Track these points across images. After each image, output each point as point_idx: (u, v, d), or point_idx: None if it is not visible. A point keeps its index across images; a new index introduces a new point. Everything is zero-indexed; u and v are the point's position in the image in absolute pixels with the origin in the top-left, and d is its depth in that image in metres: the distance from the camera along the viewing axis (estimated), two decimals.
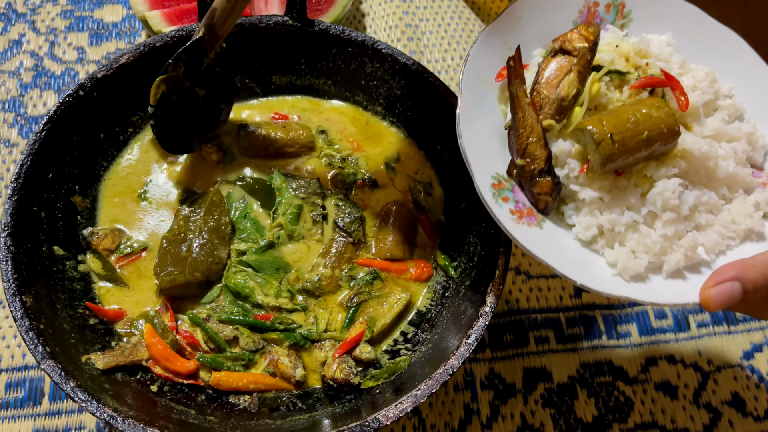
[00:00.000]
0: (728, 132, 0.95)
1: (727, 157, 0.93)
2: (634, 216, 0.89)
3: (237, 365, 1.01)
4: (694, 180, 0.92)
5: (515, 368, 1.20)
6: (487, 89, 0.95)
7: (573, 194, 0.92)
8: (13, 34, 1.41)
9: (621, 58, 0.95)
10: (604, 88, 0.93)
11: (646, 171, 0.90)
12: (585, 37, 0.93)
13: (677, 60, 0.97)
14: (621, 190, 0.90)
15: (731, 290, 0.79)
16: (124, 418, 0.84)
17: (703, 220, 0.91)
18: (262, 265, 1.07)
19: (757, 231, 0.91)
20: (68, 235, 1.05)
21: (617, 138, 0.85)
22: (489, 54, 0.94)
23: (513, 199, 0.90)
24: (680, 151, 0.90)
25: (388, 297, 1.09)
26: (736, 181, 0.93)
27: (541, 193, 0.90)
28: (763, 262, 0.79)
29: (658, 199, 0.88)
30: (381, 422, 0.85)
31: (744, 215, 0.91)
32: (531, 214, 0.90)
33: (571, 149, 0.91)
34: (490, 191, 0.87)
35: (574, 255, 0.89)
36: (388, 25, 1.52)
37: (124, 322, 1.03)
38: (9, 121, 1.32)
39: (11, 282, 0.90)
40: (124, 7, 1.47)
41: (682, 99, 0.92)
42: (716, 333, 1.27)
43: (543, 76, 0.93)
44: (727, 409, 1.20)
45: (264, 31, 1.13)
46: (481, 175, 0.87)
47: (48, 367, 0.86)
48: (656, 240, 0.87)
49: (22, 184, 0.97)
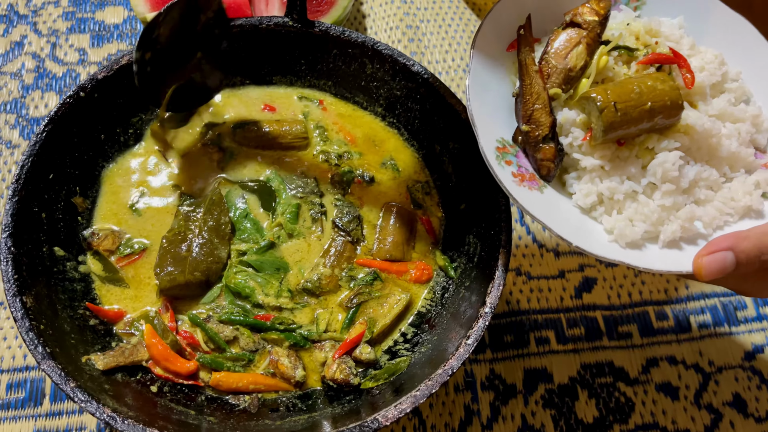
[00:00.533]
0: (733, 113, 0.96)
1: (730, 136, 0.94)
2: (633, 186, 0.90)
3: (237, 366, 1.01)
4: (696, 156, 0.93)
5: (516, 369, 1.20)
6: (499, 59, 0.97)
7: (575, 163, 0.93)
8: (15, 35, 1.42)
9: (631, 36, 0.97)
10: (612, 63, 0.95)
11: (648, 143, 0.91)
12: (596, 11, 0.94)
13: (687, 42, 0.99)
14: (622, 160, 0.92)
15: (724, 259, 0.79)
16: (123, 418, 0.84)
17: (703, 195, 0.92)
18: (262, 264, 1.07)
19: (756, 209, 0.92)
20: (69, 236, 1.05)
21: (620, 106, 0.87)
22: (502, 25, 0.97)
23: (516, 164, 0.91)
24: (683, 126, 0.91)
25: (388, 298, 1.09)
26: (738, 160, 0.94)
27: (543, 159, 0.92)
28: (758, 234, 0.80)
29: (658, 170, 0.89)
30: (380, 423, 0.86)
31: (743, 193, 0.92)
32: (533, 179, 0.91)
33: (575, 118, 0.92)
34: (494, 153, 0.89)
35: (573, 220, 0.90)
36: (388, 26, 1.52)
37: (125, 323, 1.03)
38: (11, 122, 1.33)
39: (12, 282, 0.91)
40: (125, 9, 1.48)
41: (688, 76, 0.94)
42: (717, 334, 1.27)
43: (552, 46, 0.95)
44: (729, 410, 1.20)
45: (264, 32, 1.14)
46: (486, 138, 0.89)
47: (48, 368, 0.86)
48: (654, 209, 0.89)
49: (22, 184, 0.97)
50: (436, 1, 1.57)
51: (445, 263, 1.11)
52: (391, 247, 1.11)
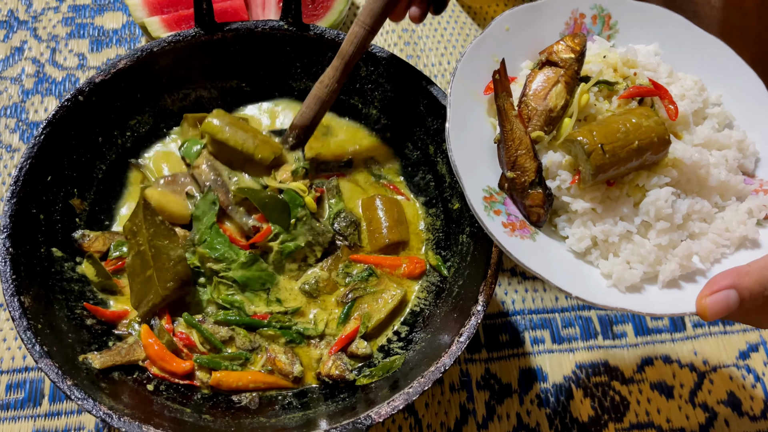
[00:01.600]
0: (718, 140, 0.95)
1: (718, 164, 0.92)
2: (627, 226, 0.89)
3: (234, 365, 1.02)
4: (686, 188, 0.92)
5: (511, 368, 1.21)
6: (476, 102, 0.95)
7: (565, 206, 0.91)
8: (15, 41, 1.44)
9: (609, 69, 0.95)
10: (593, 99, 0.93)
11: (638, 180, 0.90)
12: (571, 48, 0.93)
13: (665, 69, 0.97)
14: (613, 201, 0.90)
15: (727, 299, 0.78)
16: (119, 415, 0.85)
17: (697, 228, 0.90)
18: (248, 281, 1.07)
19: (751, 238, 0.91)
20: (66, 237, 1.06)
21: (608, 148, 0.85)
22: (477, 67, 0.94)
23: (505, 212, 0.89)
24: (671, 160, 0.90)
25: (383, 293, 1.10)
26: (728, 188, 0.93)
27: (532, 206, 0.90)
28: (758, 269, 0.78)
29: (651, 209, 0.87)
30: (373, 419, 0.86)
31: (737, 223, 0.90)
32: (524, 227, 0.89)
33: (561, 160, 0.91)
34: (481, 204, 0.87)
35: (569, 267, 0.89)
36: (384, 30, 1.53)
37: (122, 323, 1.04)
38: (11, 126, 1.34)
39: (10, 283, 0.92)
40: (124, 14, 1.50)
41: (671, 108, 0.92)
42: (712, 333, 1.27)
43: (530, 87, 0.93)
44: (723, 408, 1.21)
45: (260, 36, 1.15)
46: (472, 188, 0.87)
47: (45, 366, 0.87)
48: (650, 250, 0.87)
49: (21, 186, 0.98)
50: None
51: (438, 263, 1.12)
52: (388, 233, 1.11)
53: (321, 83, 1.10)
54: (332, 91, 1.10)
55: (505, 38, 0.97)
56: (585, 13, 1.01)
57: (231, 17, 1.34)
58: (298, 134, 1.13)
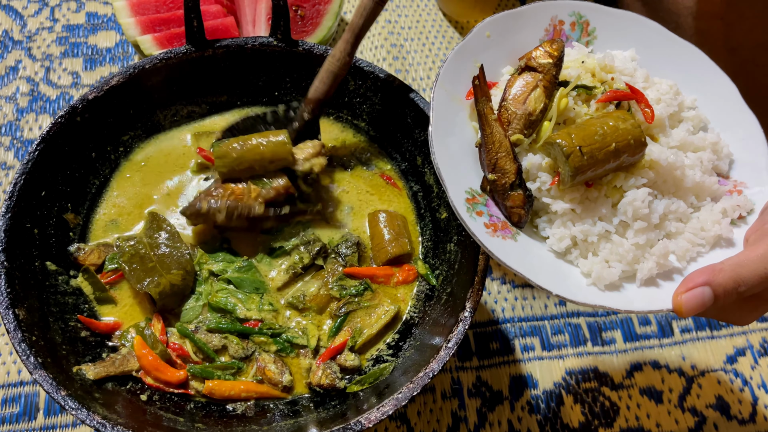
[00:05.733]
0: (693, 142, 0.97)
1: (693, 166, 0.95)
2: (606, 226, 0.91)
3: (226, 374, 1.03)
4: (663, 189, 0.94)
5: (502, 376, 1.22)
6: (458, 107, 0.97)
7: (546, 207, 0.94)
8: (10, 60, 1.46)
9: (587, 74, 0.98)
10: (571, 103, 0.96)
11: (615, 182, 0.92)
12: (549, 54, 0.95)
13: (641, 74, 1.00)
14: (592, 201, 0.92)
15: (702, 295, 0.80)
16: (113, 425, 0.86)
17: (673, 228, 0.93)
18: (242, 282, 1.10)
19: (726, 237, 0.93)
20: (60, 251, 1.08)
21: (586, 150, 0.87)
22: (459, 73, 0.97)
23: (487, 213, 0.91)
24: (648, 162, 0.92)
25: (376, 308, 1.11)
26: (703, 189, 0.95)
27: (513, 207, 0.92)
28: (732, 266, 0.81)
29: (628, 209, 0.90)
30: (363, 425, 0.88)
31: (712, 222, 0.92)
32: (505, 228, 0.91)
33: (541, 163, 0.93)
34: (464, 206, 0.89)
35: (549, 266, 0.91)
36: (374, 45, 1.56)
37: (115, 335, 1.05)
38: (5, 144, 1.36)
39: (4, 296, 0.93)
40: (117, 33, 1.52)
41: (647, 111, 0.95)
42: (699, 338, 1.29)
43: (510, 92, 0.95)
44: (712, 412, 1.22)
45: (250, 52, 1.17)
46: (455, 190, 0.89)
47: (40, 377, 0.88)
48: (628, 249, 0.89)
49: (15, 202, 1.00)
50: (419, 20, 1.61)
51: (427, 271, 1.13)
52: (391, 248, 1.13)
53: (332, 57, 1.11)
54: (344, 64, 1.11)
55: (486, 45, 0.99)
56: (564, 20, 1.03)
57: (222, 34, 1.36)
58: (312, 108, 1.14)
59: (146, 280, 1.05)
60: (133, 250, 1.08)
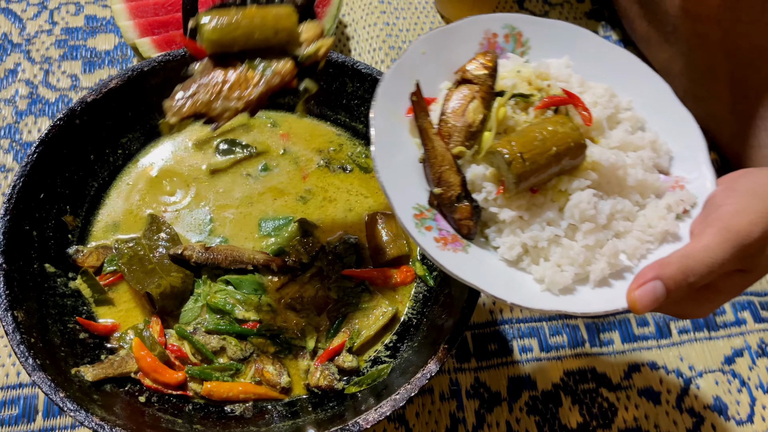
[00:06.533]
0: (633, 141, 0.97)
1: (634, 165, 0.95)
2: (554, 230, 0.90)
3: (225, 375, 1.04)
4: (607, 190, 0.94)
5: (500, 377, 1.23)
6: (400, 124, 0.96)
7: (494, 216, 0.93)
8: (9, 63, 1.46)
9: (523, 82, 0.98)
10: (510, 112, 0.95)
11: (560, 185, 0.92)
12: (484, 65, 0.95)
13: (576, 79, 1.00)
14: (539, 207, 0.92)
15: (654, 289, 0.80)
16: (111, 426, 0.87)
17: (621, 227, 0.92)
18: (240, 283, 1.10)
19: (672, 232, 0.93)
20: (59, 253, 1.08)
21: (527, 156, 0.87)
22: (397, 91, 0.95)
23: (436, 227, 0.91)
24: (590, 163, 0.92)
25: (374, 309, 1.11)
26: (647, 186, 0.95)
27: (461, 219, 0.91)
28: (678, 258, 0.81)
29: (575, 212, 0.89)
30: (361, 426, 0.88)
31: (658, 218, 0.92)
32: (456, 240, 0.91)
33: (485, 173, 0.92)
34: (412, 222, 0.88)
35: (503, 275, 0.90)
36: (372, 48, 1.57)
37: (114, 337, 1.06)
38: (5, 147, 1.36)
39: (3, 297, 0.94)
40: (116, 36, 1.53)
41: (585, 114, 0.95)
42: (697, 339, 1.29)
43: (448, 106, 0.94)
44: (710, 413, 1.22)
45: None
46: (402, 207, 0.88)
47: (38, 379, 0.89)
48: (579, 251, 0.89)
49: (14, 204, 1.00)
50: (417, 22, 1.62)
51: (424, 273, 1.14)
52: (389, 250, 1.13)
53: None
54: None
55: (422, 61, 0.98)
56: (497, 32, 1.03)
57: None
58: None
59: (146, 281, 1.05)
60: (132, 252, 1.08)
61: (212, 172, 1.22)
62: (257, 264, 1.10)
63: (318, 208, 1.20)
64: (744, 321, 1.31)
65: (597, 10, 1.69)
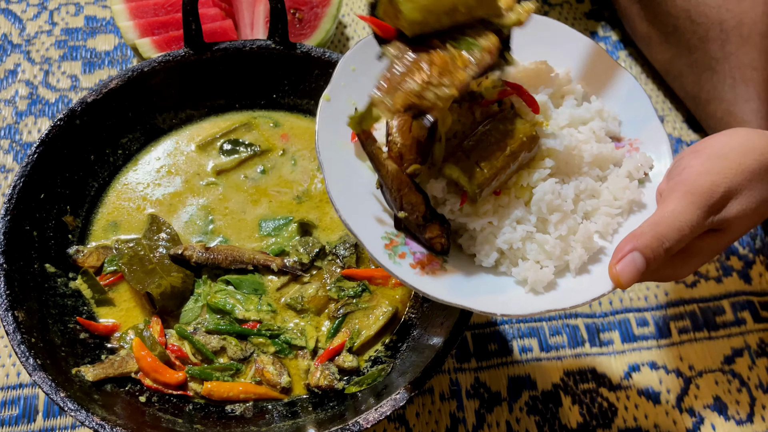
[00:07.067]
0: (581, 115, 0.95)
1: (587, 140, 0.93)
2: (525, 228, 0.88)
3: (225, 375, 1.04)
4: (567, 172, 0.92)
5: (500, 377, 1.23)
6: (347, 152, 0.92)
7: (463, 226, 0.91)
8: (9, 64, 1.46)
9: None
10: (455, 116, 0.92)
11: (521, 181, 0.90)
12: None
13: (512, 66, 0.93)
14: (505, 207, 0.90)
15: (633, 261, 0.81)
16: (112, 426, 0.87)
17: (589, 206, 0.91)
18: (241, 283, 1.10)
19: (638, 201, 0.92)
20: (59, 254, 1.08)
21: (484, 164, 0.85)
22: (337, 116, 0.91)
23: (409, 252, 0.88)
24: (545, 151, 0.91)
25: (374, 309, 1.11)
26: (604, 158, 0.94)
27: (433, 237, 0.88)
28: (650, 226, 0.82)
29: (541, 205, 0.88)
30: (361, 425, 0.88)
31: (622, 189, 0.91)
32: (431, 261, 0.88)
33: (445, 186, 0.90)
34: (384, 254, 0.85)
35: (486, 285, 0.88)
36: None
37: (114, 337, 1.06)
38: (4, 147, 1.36)
39: (4, 298, 0.94)
40: (116, 36, 1.53)
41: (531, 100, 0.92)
42: (697, 339, 1.29)
43: (393, 125, 0.91)
44: (710, 413, 1.22)
45: (248, 55, 1.18)
46: (371, 242, 0.85)
47: (39, 379, 0.89)
48: (554, 244, 0.87)
49: (14, 204, 1.00)
50: None
51: None
52: None
53: None
54: None
55: (354, 79, 0.94)
56: None
57: (220, 37, 1.37)
58: None
59: (147, 281, 1.05)
60: (132, 252, 1.09)
61: (218, 172, 1.22)
62: (257, 264, 1.11)
63: (315, 208, 1.20)
64: (744, 321, 1.31)
65: (597, 10, 1.69)
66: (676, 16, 1.41)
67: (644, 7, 1.49)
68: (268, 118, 1.27)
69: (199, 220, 1.17)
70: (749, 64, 1.33)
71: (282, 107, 1.27)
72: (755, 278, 1.36)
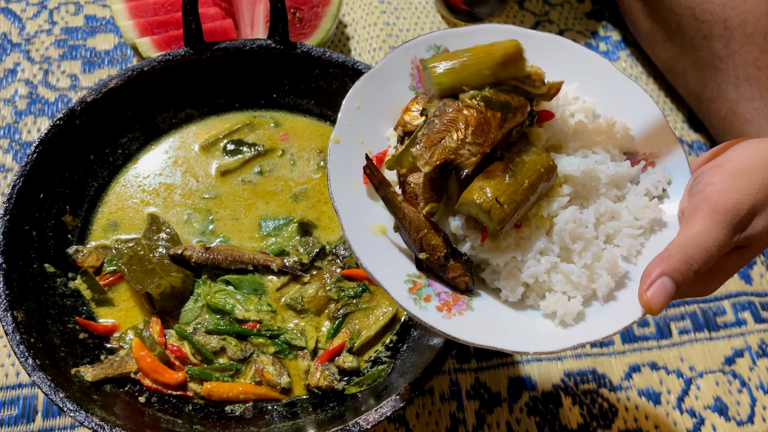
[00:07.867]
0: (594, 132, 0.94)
1: (603, 161, 0.91)
2: (550, 259, 0.86)
3: (225, 376, 1.04)
4: (586, 196, 0.91)
5: (500, 378, 1.23)
6: (360, 193, 0.91)
7: (485, 261, 0.89)
8: (8, 63, 1.46)
9: None
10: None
11: (541, 212, 0.88)
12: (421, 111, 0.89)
13: None
14: (527, 240, 0.88)
15: (663, 286, 0.80)
16: (111, 426, 0.86)
17: (610, 229, 0.90)
18: (240, 283, 1.10)
19: (658, 219, 0.90)
20: (59, 253, 1.08)
21: (503, 199, 0.82)
22: (348, 158, 0.90)
23: (434, 294, 0.86)
24: (563, 178, 0.89)
25: (374, 310, 1.11)
26: (621, 177, 0.92)
27: (456, 277, 0.87)
28: (677, 248, 0.81)
29: (563, 235, 0.86)
30: (361, 426, 0.88)
31: (642, 209, 0.90)
32: (457, 300, 0.86)
33: (464, 222, 0.88)
34: (410, 299, 0.83)
35: (514, 321, 0.86)
36: (372, 48, 1.57)
37: (113, 337, 1.06)
38: (4, 147, 1.36)
39: (3, 297, 0.94)
40: (116, 36, 1.52)
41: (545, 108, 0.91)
42: (698, 339, 1.29)
43: None
44: (710, 414, 1.22)
45: (248, 54, 1.18)
46: (396, 288, 0.83)
47: (38, 379, 0.89)
48: (580, 273, 0.85)
49: (14, 204, 1.00)
50: (417, 22, 1.61)
51: None
52: None
53: None
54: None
55: (360, 116, 0.93)
56: (423, 57, 0.97)
57: (220, 36, 1.36)
58: None
59: (146, 281, 1.05)
60: (131, 252, 1.08)
61: (222, 173, 1.21)
62: (257, 264, 1.10)
63: (312, 208, 1.20)
64: (744, 321, 1.31)
65: (597, 10, 1.69)
66: (679, 14, 1.40)
67: (647, 5, 1.49)
68: (268, 117, 1.27)
69: (199, 220, 1.17)
70: (753, 62, 1.33)
71: (282, 107, 1.27)
72: (756, 279, 1.36)
